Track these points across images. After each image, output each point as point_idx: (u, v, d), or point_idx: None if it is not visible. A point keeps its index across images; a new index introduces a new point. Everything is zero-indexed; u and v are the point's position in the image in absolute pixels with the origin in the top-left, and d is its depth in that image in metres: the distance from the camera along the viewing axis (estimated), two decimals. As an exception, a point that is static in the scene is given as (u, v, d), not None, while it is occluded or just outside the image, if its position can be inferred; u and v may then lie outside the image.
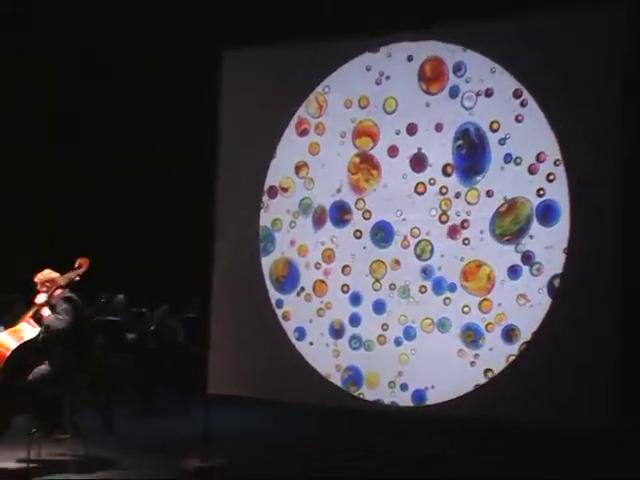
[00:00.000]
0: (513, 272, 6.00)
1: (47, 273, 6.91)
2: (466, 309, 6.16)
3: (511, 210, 6.06)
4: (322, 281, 6.88)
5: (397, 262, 6.50)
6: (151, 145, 11.50)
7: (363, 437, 7.68)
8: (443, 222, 6.33)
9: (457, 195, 6.28)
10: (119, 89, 11.12)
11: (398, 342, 6.42)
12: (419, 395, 6.31)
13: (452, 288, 6.22)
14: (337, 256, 6.84)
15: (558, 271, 5.85)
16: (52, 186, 11.38)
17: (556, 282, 5.86)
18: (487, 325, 6.07)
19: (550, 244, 5.90)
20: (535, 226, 5.96)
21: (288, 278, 7.06)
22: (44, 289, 6.87)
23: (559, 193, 5.87)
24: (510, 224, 6.05)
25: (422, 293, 6.35)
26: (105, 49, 10.88)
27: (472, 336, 6.13)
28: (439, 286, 6.28)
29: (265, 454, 7.47)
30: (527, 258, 5.96)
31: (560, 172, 5.87)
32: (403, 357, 6.39)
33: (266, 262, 7.12)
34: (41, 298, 6.83)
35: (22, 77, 10.78)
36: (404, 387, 6.38)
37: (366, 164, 6.69)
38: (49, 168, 11.23)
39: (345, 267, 6.78)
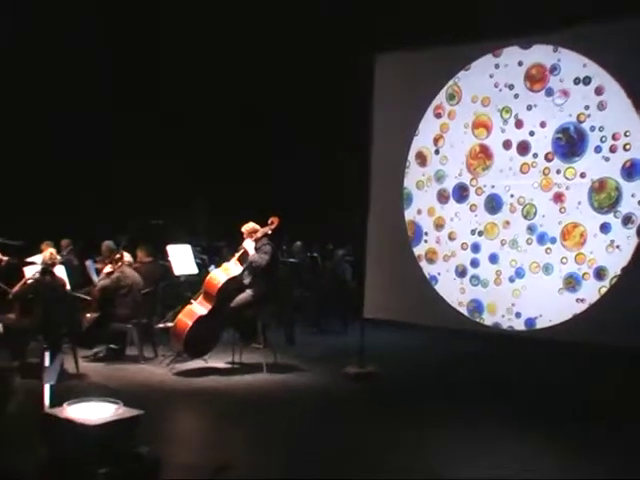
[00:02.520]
0: (604, 228, 6.79)
1: (251, 225, 8.20)
2: (564, 260, 7.03)
3: (602, 188, 6.82)
4: (438, 242, 7.90)
5: (507, 222, 7.44)
6: (319, 128, 13.20)
7: (487, 355, 8.70)
8: (545, 191, 7.17)
9: (558, 171, 7.12)
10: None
11: (511, 280, 7.36)
12: (530, 321, 7.19)
13: (553, 241, 7.10)
14: (456, 222, 7.80)
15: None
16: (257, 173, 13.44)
17: (642, 226, 6.55)
18: (584, 274, 6.89)
19: (640, 199, 6.63)
20: (626, 190, 6.66)
21: (415, 234, 8.10)
22: (249, 237, 8.09)
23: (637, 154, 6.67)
24: (605, 199, 6.80)
25: (528, 244, 7.28)
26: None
27: (572, 283, 6.95)
28: (542, 239, 7.18)
29: (407, 364, 8.73)
30: (625, 219, 6.68)
31: (633, 139, 6.64)
32: (516, 292, 7.31)
33: (406, 216, 8.16)
34: (247, 243, 8.09)
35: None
36: (518, 315, 7.28)
37: (482, 154, 7.60)
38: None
39: (463, 230, 7.74)
